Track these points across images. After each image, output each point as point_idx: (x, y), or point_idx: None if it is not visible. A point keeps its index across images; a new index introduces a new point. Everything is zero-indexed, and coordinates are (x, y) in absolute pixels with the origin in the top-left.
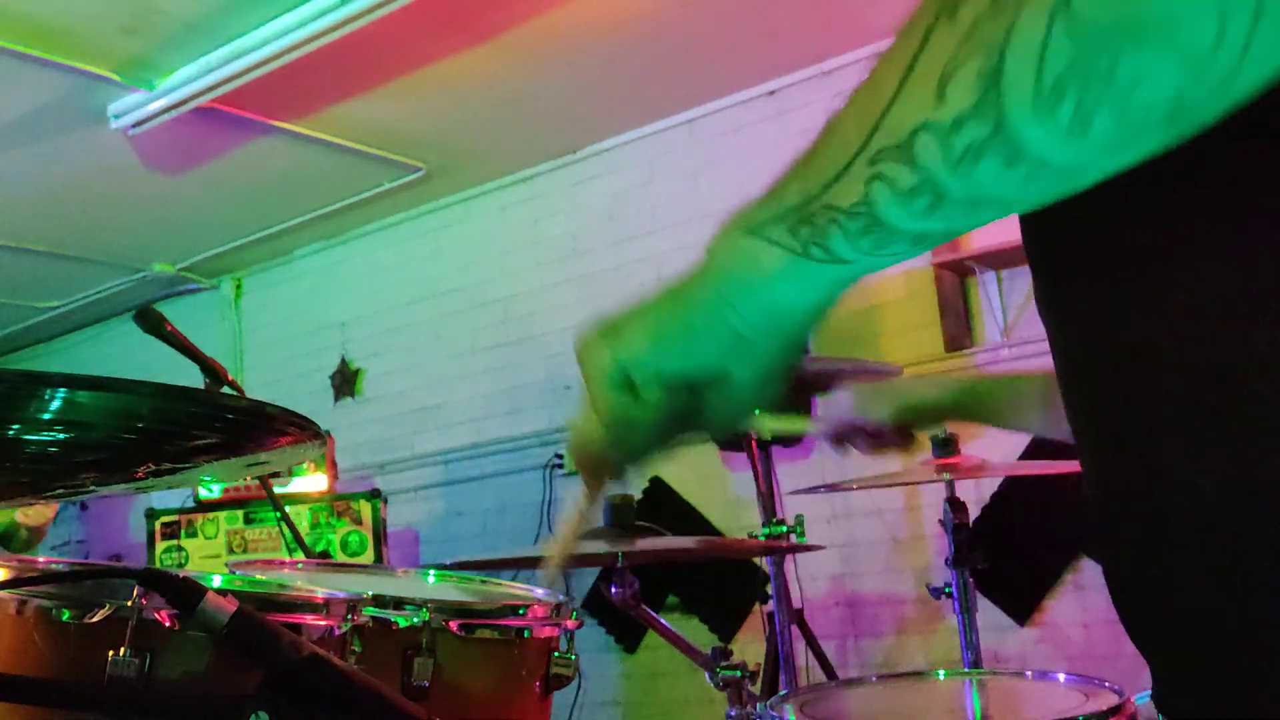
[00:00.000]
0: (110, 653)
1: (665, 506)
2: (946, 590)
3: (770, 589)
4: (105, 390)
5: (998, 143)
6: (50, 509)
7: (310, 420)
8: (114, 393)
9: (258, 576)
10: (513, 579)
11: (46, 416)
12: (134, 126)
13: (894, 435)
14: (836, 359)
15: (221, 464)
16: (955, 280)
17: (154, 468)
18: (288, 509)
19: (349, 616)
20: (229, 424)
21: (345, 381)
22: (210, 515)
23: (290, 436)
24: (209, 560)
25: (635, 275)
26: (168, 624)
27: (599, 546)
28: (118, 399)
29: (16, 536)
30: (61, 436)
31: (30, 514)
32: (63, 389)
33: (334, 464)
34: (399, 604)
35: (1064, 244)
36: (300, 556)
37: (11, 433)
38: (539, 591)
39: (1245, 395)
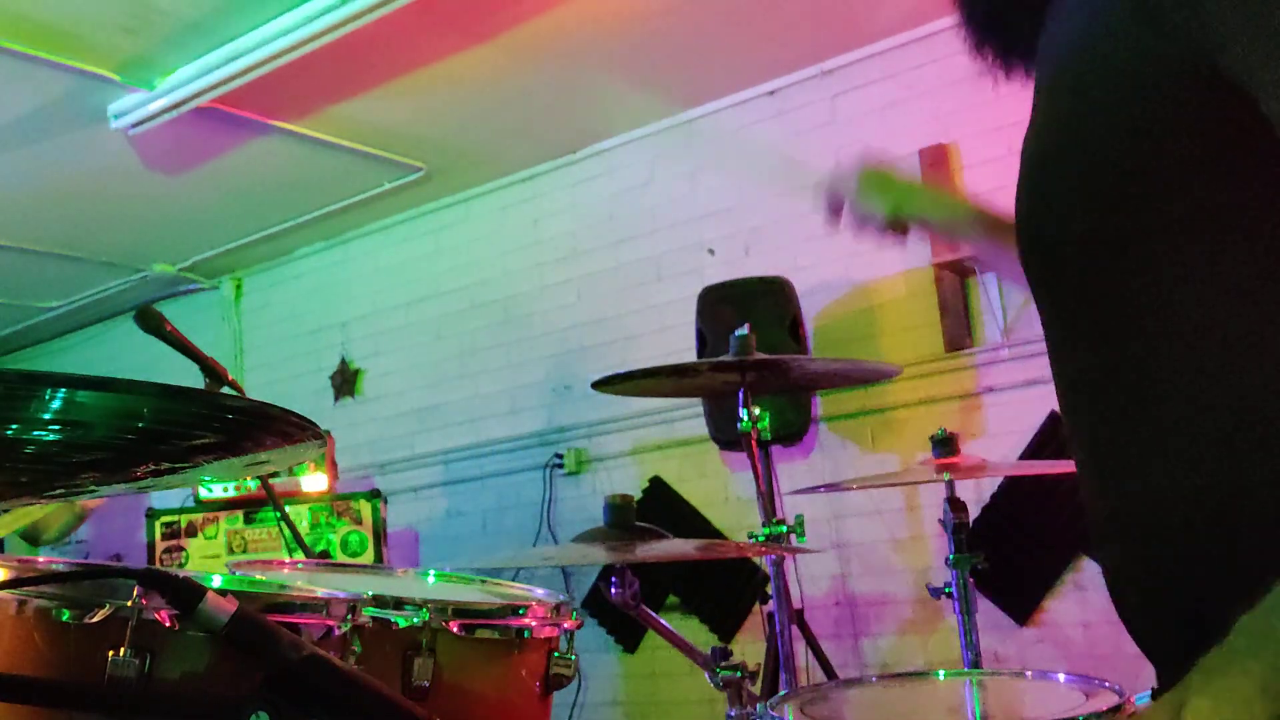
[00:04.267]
0: (110, 653)
1: (665, 507)
2: (946, 590)
3: (770, 589)
4: (105, 390)
5: None
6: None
7: (310, 420)
8: (114, 393)
9: (258, 576)
10: (513, 579)
11: (46, 416)
12: (134, 126)
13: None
14: (835, 359)
15: (221, 464)
16: (955, 280)
17: (154, 467)
18: (288, 509)
19: (349, 616)
20: (229, 424)
21: (345, 381)
22: (211, 516)
23: (290, 436)
24: (209, 560)
25: (635, 275)
26: (168, 624)
27: (599, 552)
28: (118, 399)
29: (50, 527)
30: (61, 436)
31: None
32: (63, 389)
33: (334, 464)
34: (399, 604)
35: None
36: (300, 556)
37: (11, 432)
38: (539, 591)
39: (1257, 415)
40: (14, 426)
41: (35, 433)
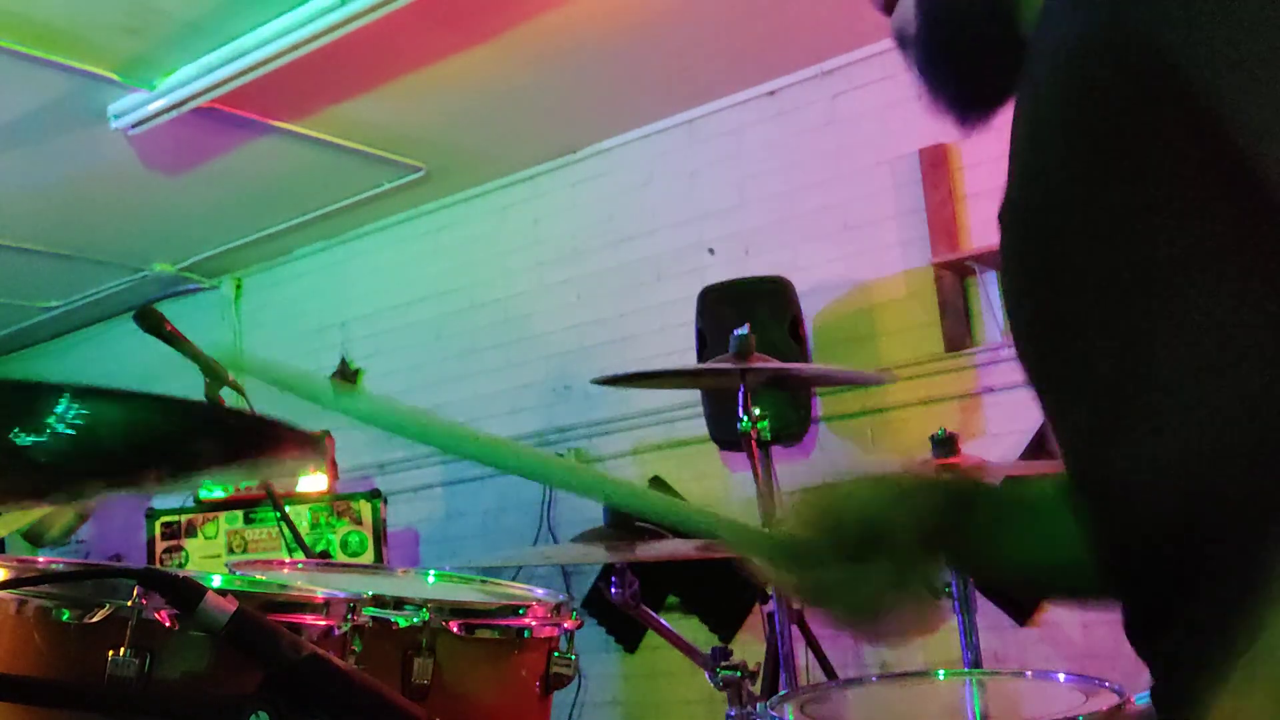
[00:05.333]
0: (110, 653)
1: None
2: (946, 590)
3: (770, 589)
4: (111, 400)
5: None
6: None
7: (308, 432)
8: (120, 403)
9: (258, 576)
10: (513, 578)
11: (52, 423)
12: (134, 126)
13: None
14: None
15: (225, 470)
16: (955, 280)
17: (159, 475)
18: (288, 509)
19: (349, 616)
20: (232, 436)
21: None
22: (210, 515)
23: (292, 448)
24: (209, 560)
25: (635, 275)
26: (168, 624)
27: (599, 552)
28: (123, 408)
29: (52, 527)
30: (66, 444)
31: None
32: (68, 397)
33: (334, 464)
34: (399, 604)
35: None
36: (300, 556)
37: (16, 438)
38: (539, 591)
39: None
40: (18, 432)
41: (40, 439)
